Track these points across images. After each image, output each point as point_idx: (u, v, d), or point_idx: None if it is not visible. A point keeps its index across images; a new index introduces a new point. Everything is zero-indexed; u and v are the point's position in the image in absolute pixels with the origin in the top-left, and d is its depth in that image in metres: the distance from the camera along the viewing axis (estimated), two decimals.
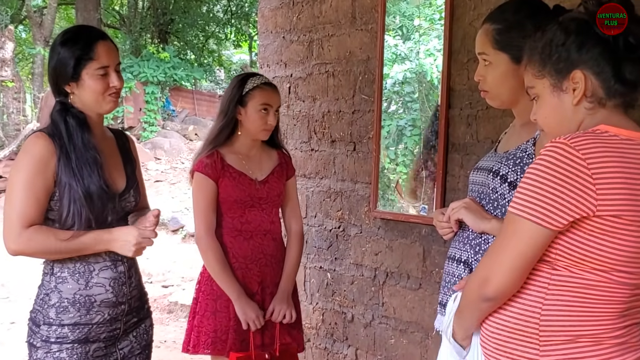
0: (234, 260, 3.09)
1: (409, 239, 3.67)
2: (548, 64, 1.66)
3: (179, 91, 22.30)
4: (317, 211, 4.33)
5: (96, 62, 2.36)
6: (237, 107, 3.09)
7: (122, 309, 2.45)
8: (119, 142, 2.60)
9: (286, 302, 3.15)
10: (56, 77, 2.39)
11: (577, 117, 1.65)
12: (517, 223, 1.55)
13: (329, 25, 4.17)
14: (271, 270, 3.16)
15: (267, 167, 3.20)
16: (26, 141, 2.34)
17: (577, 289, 1.56)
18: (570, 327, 1.57)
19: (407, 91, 3.81)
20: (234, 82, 3.15)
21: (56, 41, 2.43)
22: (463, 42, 3.31)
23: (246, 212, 3.11)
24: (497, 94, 2.22)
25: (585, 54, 1.60)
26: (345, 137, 4.07)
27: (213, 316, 3.08)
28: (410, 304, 3.67)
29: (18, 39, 21.75)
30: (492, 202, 2.17)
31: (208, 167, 3.05)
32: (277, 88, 3.21)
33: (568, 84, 1.63)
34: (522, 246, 1.55)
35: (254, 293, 3.11)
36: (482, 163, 2.32)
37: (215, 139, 3.12)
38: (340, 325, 4.17)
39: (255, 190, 3.11)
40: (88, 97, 2.38)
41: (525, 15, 2.14)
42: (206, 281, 3.14)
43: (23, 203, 2.26)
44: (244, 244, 3.10)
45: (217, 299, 3.09)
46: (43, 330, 2.34)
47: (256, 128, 3.10)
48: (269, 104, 3.09)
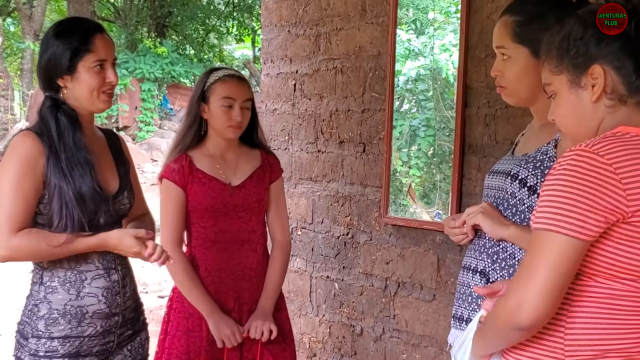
0: (206, 274, 2.99)
1: (422, 246, 3.66)
2: (566, 59, 1.66)
3: (177, 88, 22.34)
4: (324, 217, 4.33)
5: (94, 54, 2.37)
6: (200, 103, 2.99)
7: (116, 321, 2.45)
8: (109, 142, 2.61)
9: (263, 318, 2.99)
10: (49, 70, 2.38)
11: (597, 115, 1.64)
12: (547, 238, 1.52)
13: (337, 18, 4.18)
14: (250, 285, 3.04)
15: (244, 170, 3.08)
16: (13, 140, 2.35)
17: (603, 299, 1.55)
18: (598, 342, 1.56)
19: (421, 89, 3.81)
20: (200, 77, 3.08)
21: (50, 32, 2.44)
22: (480, 37, 3.31)
23: (219, 221, 3.00)
24: (515, 90, 2.22)
25: (605, 48, 1.60)
26: (355, 137, 4.07)
27: (185, 336, 2.97)
28: (423, 316, 3.66)
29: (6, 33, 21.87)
30: (510, 208, 2.17)
31: (175, 173, 2.97)
32: (244, 79, 3.08)
33: (587, 80, 1.63)
34: (555, 263, 1.51)
35: (230, 310, 3.00)
36: (498, 167, 2.32)
37: (182, 141, 3.03)
38: (349, 339, 4.17)
39: (228, 196, 3.00)
40: (82, 92, 2.39)
41: (548, 7, 2.14)
42: (177, 298, 3.03)
43: (11, 206, 2.26)
44: (217, 255, 3.00)
45: (189, 317, 2.98)
46: (31, 344, 2.34)
47: (220, 125, 2.98)
48: (230, 96, 2.95)
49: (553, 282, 1.51)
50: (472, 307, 2.22)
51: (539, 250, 1.53)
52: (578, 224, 1.48)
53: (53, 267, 2.36)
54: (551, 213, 1.51)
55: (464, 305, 2.26)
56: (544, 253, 1.52)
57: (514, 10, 2.21)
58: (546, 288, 1.51)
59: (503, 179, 2.21)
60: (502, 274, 2.16)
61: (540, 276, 1.51)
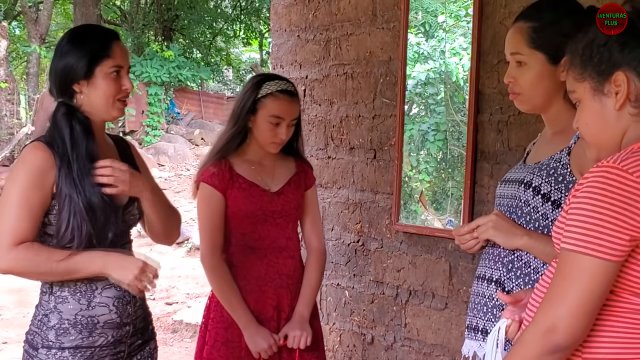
0: (245, 282, 2.97)
1: (434, 254, 3.66)
2: (589, 66, 1.65)
3: (184, 92, 22.43)
4: (334, 224, 4.34)
5: (112, 60, 2.39)
6: (249, 114, 2.95)
7: (127, 330, 2.45)
8: (120, 150, 2.61)
9: (301, 327, 2.99)
10: (65, 74, 2.38)
11: (621, 124, 1.63)
12: (577, 260, 1.50)
13: (347, 23, 4.18)
14: (288, 293, 3.03)
15: (282, 176, 3.08)
16: (23, 151, 2.35)
17: (623, 313, 1.55)
18: (615, 355, 1.55)
19: (430, 93, 3.81)
20: (248, 84, 3.03)
21: (66, 37, 2.45)
22: (493, 42, 3.31)
23: (258, 228, 2.98)
24: (530, 97, 2.23)
25: (629, 54, 1.59)
26: (365, 143, 4.07)
27: (224, 347, 2.96)
28: (435, 325, 3.66)
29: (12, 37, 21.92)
30: (524, 216, 2.17)
31: (215, 178, 2.94)
32: (295, 95, 3.03)
33: (610, 87, 1.62)
34: (587, 285, 1.49)
35: (269, 318, 2.99)
36: (510, 175, 2.33)
37: (224, 147, 3.00)
38: (359, 348, 4.17)
39: (268, 202, 2.99)
40: (98, 98, 2.39)
41: (564, 13, 2.15)
42: (216, 307, 3.01)
43: (16, 219, 2.26)
44: (256, 263, 2.98)
45: (228, 327, 2.97)
46: (41, 355, 2.33)
47: (264, 140, 2.97)
48: (279, 116, 2.93)
49: (586, 303, 1.49)
50: (487, 317, 2.22)
51: (569, 272, 1.51)
52: (609, 245, 1.47)
53: None
54: (581, 234, 1.49)
55: (479, 315, 2.26)
56: (575, 276, 1.50)
57: (529, 17, 2.21)
58: (579, 309, 1.50)
59: (516, 187, 2.22)
60: (517, 283, 2.16)
61: (573, 298, 1.49)
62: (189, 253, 10.90)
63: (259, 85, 2.97)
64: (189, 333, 6.78)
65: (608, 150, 1.66)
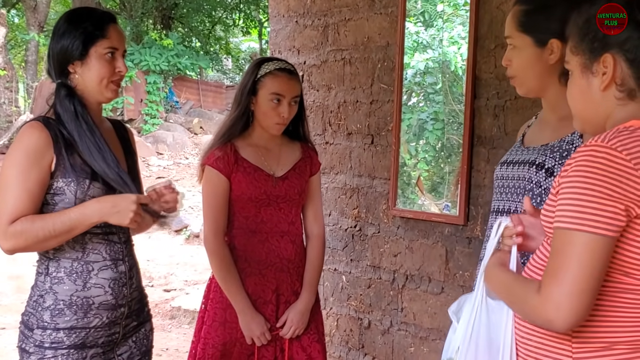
0: (246, 265, 3.00)
1: (430, 239, 3.67)
2: (585, 40, 1.66)
3: (183, 81, 22.39)
4: (331, 209, 4.34)
5: (107, 40, 2.39)
6: (250, 96, 2.98)
7: (122, 312, 2.45)
8: (118, 133, 2.62)
9: (300, 317, 3.04)
10: (62, 54, 2.38)
11: (606, 105, 1.64)
12: (574, 238, 1.49)
13: (345, 8, 4.18)
14: (288, 277, 3.05)
15: (287, 161, 3.10)
16: (20, 131, 2.34)
17: (612, 292, 1.55)
18: (605, 334, 1.56)
19: (429, 82, 3.81)
20: (249, 67, 3.06)
21: (63, 18, 2.45)
22: (490, 27, 3.30)
23: (261, 211, 3.01)
24: (523, 80, 2.24)
25: (622, 38, 1.60)
26: (363, 129, 4.08)
27: (222, 327, 3.00)
28: (431, 309, 3.67)
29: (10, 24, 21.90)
30: (535, 197, 2.18)
31: (220, 161, 2.97)
32: (295, 73, 3.05)
33: (598, 67, 1.63)
34: (587, 262, 1.47)
35: (268, 301, 3.03)
36: (512, 157, 2.33)
37: (229, 131, 3.02)
38: (356, 332, 4.19)
39: (272, 187, 3.01)
40: (91, 79, 2.39)
41: None
42: (215, 288, 3.05)
43: (15, 199, 2.26)
44: (257, 246, 3.01)
45: (226, 308, 3.01)
46: (36, 335, 2.34)
47: (267, 121, 2.99)
48: (279, 93, 2.95)
49: (587, 282, 1.48)
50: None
51: (568, 251, 1.50)
52: (605, 220, 1.47)
53: (59, 258, 2.36)
54: (576, 212, 1.49)
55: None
56: (574, 253, 1.49)
57: (523, 0, 2.22)
58: (581, 289, 1.48)
59: (526, 168, 2.22)
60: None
61: (574, 277, 1.48)
62: (187, 240, 10.91)
63: (258, 66, 3.01)
64: (187, 319, 6.79)
65: (592, 126, 1.69)
